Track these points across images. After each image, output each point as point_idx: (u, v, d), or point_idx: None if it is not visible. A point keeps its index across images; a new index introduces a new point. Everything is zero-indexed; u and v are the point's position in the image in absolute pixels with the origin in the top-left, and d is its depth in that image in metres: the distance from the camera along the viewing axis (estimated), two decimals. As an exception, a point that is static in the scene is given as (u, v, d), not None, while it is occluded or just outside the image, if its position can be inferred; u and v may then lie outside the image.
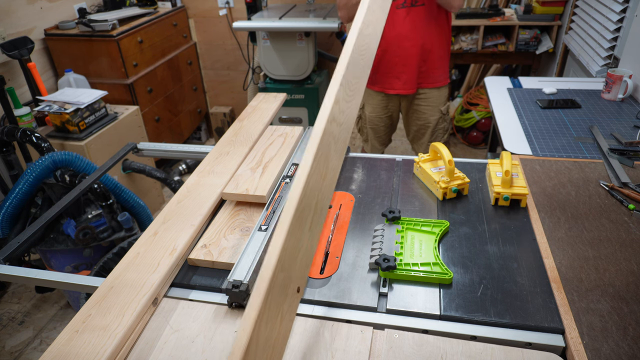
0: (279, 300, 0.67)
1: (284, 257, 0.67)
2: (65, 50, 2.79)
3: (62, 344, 0.82)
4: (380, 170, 1.38)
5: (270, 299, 0.66)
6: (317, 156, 0.71)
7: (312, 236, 0.75)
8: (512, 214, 1.15)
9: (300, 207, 0.68)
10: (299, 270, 0.73)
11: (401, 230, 1.07)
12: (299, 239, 0.70)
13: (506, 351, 0.80)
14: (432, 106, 2.11)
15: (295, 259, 0.73)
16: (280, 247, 0.64)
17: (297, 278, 0.72)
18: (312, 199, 0.72)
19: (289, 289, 0.70)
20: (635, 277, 0.93)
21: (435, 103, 2.11)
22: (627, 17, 2.07)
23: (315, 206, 0.74)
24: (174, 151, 1.66)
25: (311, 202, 0.73)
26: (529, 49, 3.08)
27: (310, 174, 0.69)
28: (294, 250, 0.71)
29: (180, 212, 1.15)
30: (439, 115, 2.13)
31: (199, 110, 3.71)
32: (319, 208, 0.76)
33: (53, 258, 1.92)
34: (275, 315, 0.67)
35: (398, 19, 1.90)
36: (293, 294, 0.71)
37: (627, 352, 0.78)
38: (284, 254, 0.65)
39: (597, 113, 1.70)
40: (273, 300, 0.67)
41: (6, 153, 2.10)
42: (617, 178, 1.25)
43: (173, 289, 0.99)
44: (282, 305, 0.68)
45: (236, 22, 2.62)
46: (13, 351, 2.12)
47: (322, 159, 0.74)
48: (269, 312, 0.66)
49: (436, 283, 0.95)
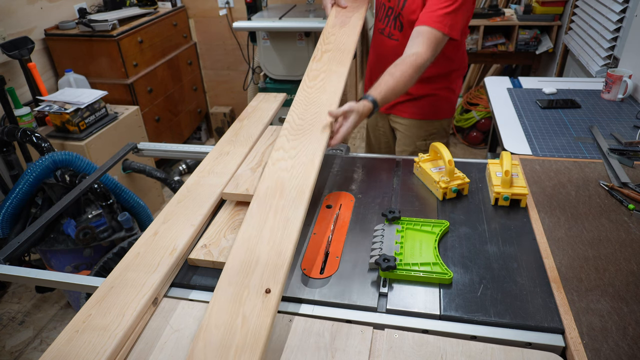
0: (232, 307, 0.82)
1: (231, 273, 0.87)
2: (65, 50, 2.79)
3: (62, 344, 0.82)
4: (380, 170, 1.38)
5: (219, 307, 0.83)
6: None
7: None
8: (512, 214, 1.15)
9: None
10: (265, 275, 0.87)
11: (401, 230, 1.08)
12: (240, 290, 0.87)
13: (506, 351, 0.81)
14: (407, 136, 1.84)
15: (252, 271, 0.89)
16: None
17: (264, 283, 0.86)
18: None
19: (243, 295, 0.84)
20: (635, 277, 0.93)
21: (408, 133, 1.83)
22: (627, 17, 2.07)
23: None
24: (174, 151, 1.66)
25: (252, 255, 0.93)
26: (528, 49, 3.08)
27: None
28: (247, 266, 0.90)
29: (180, 212, 1.15)
30: (412, 148, 1.84)
31: (199, 110, 3.71)
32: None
33: (53, 258, 1.92)
34: (234, 318, 0.81)
35: (380, 42, 1.74)
36: (258, 296, 0.84)
37: (627, 352, 0.78)
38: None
39: (597, 113, 1.70)
40: (222, 307, 0.83)
41: (6, 153, 2.10)
42: (617, 178, 1.25)
43: (173, 289, 0.99)
44: (240, 309, 0.82)
45: (236, 22, 2.62)
46: (13, 351, 2.12)
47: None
48: (218, 317, 0.82)
49: (436, 283, 0.95)
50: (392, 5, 1.60)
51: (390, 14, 1.62)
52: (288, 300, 0.94)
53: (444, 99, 1.76)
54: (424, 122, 1.78)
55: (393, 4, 1.59)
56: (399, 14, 1.57)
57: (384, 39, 1.69)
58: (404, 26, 1.58)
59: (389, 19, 1.63)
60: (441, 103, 1.76)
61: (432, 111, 1.76)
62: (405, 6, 1.53)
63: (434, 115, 1.77)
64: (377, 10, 1.70)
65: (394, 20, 1.61)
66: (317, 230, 1.13)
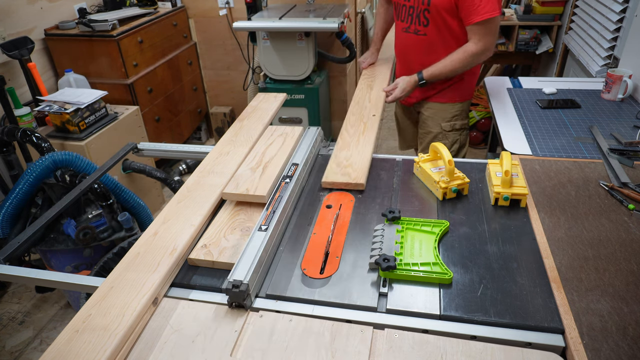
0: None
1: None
2: (65, 50, 2.79)
3: (62, 344, 0.82)
4: (380, 170, 1.38)
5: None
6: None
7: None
8: (512, 214, 1.15)
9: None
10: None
11: (401, 230, 1.07)
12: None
13: (506, 351, 0.81)
14: (432, 118, 2.01)
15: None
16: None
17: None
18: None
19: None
20: (635, 277, 0.93)
21: (434, 116, 1.99)
22: (627, 17, 2.07)
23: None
24: (174, 151, 1.66)
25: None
26: (529, 49, 3.08)
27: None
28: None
29: (180, 212, 1.15)
30: (437, 130, 2.00)
31: (199, 110, 3.71)
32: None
33: (53, 258, 1.92)
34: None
35: (404, 40, 1.87)
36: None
37: (627, 352, 0.78)
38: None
39: (597, 113, 1.70)
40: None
41: (6, 153, 2.10)
42: (617, 178, 1.25)
43: (173, 288, 0.99)
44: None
45: (236, 22, 2.62)
46: (13, 351, 2.12)
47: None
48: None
49: (436, 283, 0.95)
50: (413, 4, 1.73)
51: (412, 12, 1.75)
52: (288, 300, 0.94)
53: (467, 82, 1.92)
54: (449, 105, 1.95)
55: (413, 3, 1.73)
56: (425, 9, 1.70)
57: (410, 36, 1.82)
58: (430, 21, 1.72)
59: (412, 17, 1.76)
60: (465, 86, 1.92)
61: (458, 95, 1.93)
62: (432, 2, 1.67)
63: (459, 98, 1.93)
64: (397, 11, 1.84)
65: (417, 17, 1.74)
66: (317, 230, 1.13)
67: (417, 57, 1.83)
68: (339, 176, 1.30)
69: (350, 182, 1.28)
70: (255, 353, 0.82)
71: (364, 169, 1.32)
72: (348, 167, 1.34)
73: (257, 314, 0.91)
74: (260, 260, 0.97)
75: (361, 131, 1.54)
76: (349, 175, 1.30)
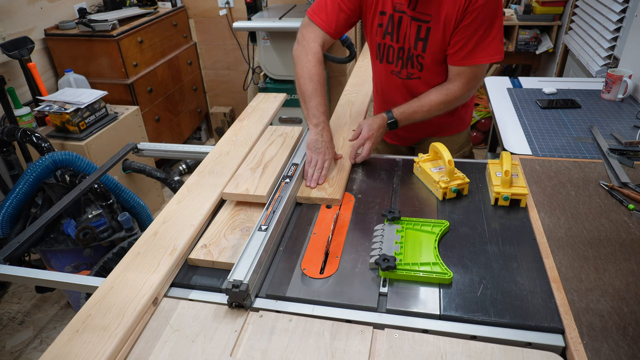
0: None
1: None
2: (65, 50, 2.79)
3: (62, 344, 0.82)
4: (380, 170, 1.38)
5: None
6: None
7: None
8: (512, 214, 1.15)
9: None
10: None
11: (401, 230, 1.07)
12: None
13: (506, 351, 0.81)
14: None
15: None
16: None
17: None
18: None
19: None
20: (635, 277, 0.93)
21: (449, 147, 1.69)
22: (627, 17, 2.07)
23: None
24: (174, 151, 1.66)
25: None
26: (529, 49, 3.08)
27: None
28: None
29: (180, 212, 1.15)
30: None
31: (199, 110, 3.71)
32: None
33: (53, 258, 1.92)
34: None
35: (391, 82, 1.57)
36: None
37: (627, 352, 0.78)
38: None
39: (597, 113, 1.70)
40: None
41: (6, 153, 2.10)
42: (617, 178, 1.25)
43: (173, 288, 0.99)
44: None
45: (236, 22, 2.62)
46: (13, 351, 2.12)
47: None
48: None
49: (436, 283, 0.95)
50: (403, 46, 1.44)
51: (402, 55, 1.46)
52: (288, 300, 0.94)
53: (471, 106, 1.74)
54: (455, 136, 1.72)
55: (403, 44, 1.44)
56: (419, 55, 1.43)
57: (399, 80, 1.54)
58: (424, 67, 1.44)
59: (402, 60, 1.47)
60: (469, 110, 1.72)
61: (464, 122, 1.71)
62: (427, 50, 1.39)
63: (465, 125, 1.72)
64: (381, 52, 1.51)
65: (409, 60, 1.46)
66: (317, 230, 1.13)
67: (405, 100, 1.48)
68: (315, 191, 1.26)
69: (326, 198, 1.23)
70: (255, 353, 0.82)
71: (340, 183, 1.28)
72: (324, 183, 1.29)
73: (257, 313, 0.91)
74: (260, 260, 0.97)
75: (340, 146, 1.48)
76: (325, 190, 1.26)
